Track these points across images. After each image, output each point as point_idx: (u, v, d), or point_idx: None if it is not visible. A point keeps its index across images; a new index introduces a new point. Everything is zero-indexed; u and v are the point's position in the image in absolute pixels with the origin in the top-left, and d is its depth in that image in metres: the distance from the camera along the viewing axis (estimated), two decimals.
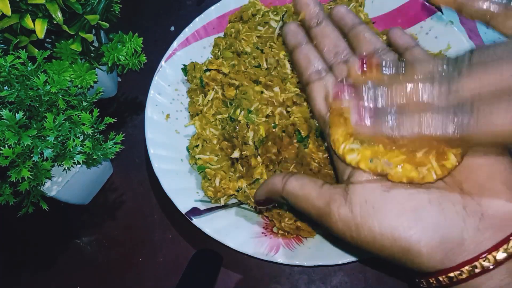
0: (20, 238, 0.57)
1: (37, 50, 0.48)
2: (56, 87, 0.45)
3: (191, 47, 0.63)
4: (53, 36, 0.51)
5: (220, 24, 0.64)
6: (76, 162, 0.45)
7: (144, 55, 0.55)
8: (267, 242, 0.50)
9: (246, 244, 0.49)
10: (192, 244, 0.54)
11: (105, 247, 0.56)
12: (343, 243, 0.49)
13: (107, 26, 0.51)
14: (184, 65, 0.61)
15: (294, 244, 0.50)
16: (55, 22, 0.46)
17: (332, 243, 0.49)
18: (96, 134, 0.48)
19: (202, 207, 0.53)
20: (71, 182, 0.49)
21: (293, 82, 0.55)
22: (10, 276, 0.55)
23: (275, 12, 0.61)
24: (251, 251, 0.49)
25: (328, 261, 0.48)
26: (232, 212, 0.53)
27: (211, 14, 0.64)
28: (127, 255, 0.55)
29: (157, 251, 0.55)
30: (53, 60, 0.50)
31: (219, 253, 0.50)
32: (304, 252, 0.49)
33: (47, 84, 0.45)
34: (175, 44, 0.62)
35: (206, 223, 0.51)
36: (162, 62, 0.61)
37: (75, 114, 0.45)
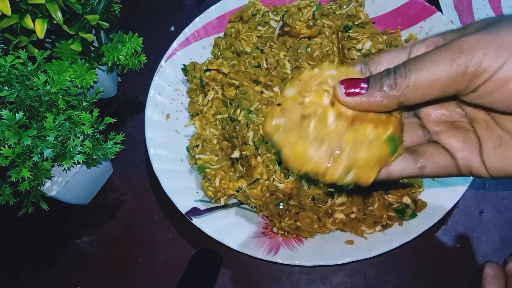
0: (20, 238, 0.57)
1: (37, 50, 0.48)
2: (56, 87, 0.45)
3: (191, 47, 0.63)
4: (53, 36, 0.51)
5: (220, 24, 0.64)
6: (76, 162, 0.45)
7: (144, 55, 0.55)
8: (267, 242, 0.50)
9: (246, 244, 0.49)
10: (192, 244, 0.54)
11: (105, 247, 0.56)
12: (342, 244, 0.49)
13: (107, 26, 0.51)
14: (184, 65, 0.61)
15: (294, 244, 0.50)
16: (55, 22, 0.46)
17: (332, 243, 0.49)
18: (96, 134, 0.48)
19: (202, 207, 0.53)
20: (71, 182, 0.49)
21: None
22: (10, 276, 0.55)
23: (275, 12, 0.61)
24: (251, 251, 0.49)
25: (328, 261, 0.48)
26: (232, 212, 0.53)
27: (211, 14, 0.64)
28: (127, 255, 0.55)
29: (157, 251, 0.55)
30: (53, 60, 0.50)
31: (219, 253, 0.50)
32: (304, 252, 0.49)
33: (47, 84, 0.45)
34: (175, 44, 0.62)
35: (206, 223, 0.51)
36: (162, 62, 0.61)
37: (75, 114, 0.45)
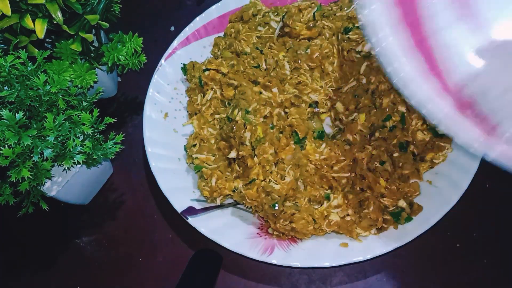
0: (20, 238, 0.58)
1: (37, 50, 0.48)
2: (56, 87, 0.45)
3: (191, 46, 0.63)
4: (53, 36, 0.51)
5: (221, 24, 0.64)
6: (76, 162, 0.45)
7: (144, 55, 0.55)
8: (262, 243, 0.50)
9: (241, 244, 0.49)
10: (192, 244, 0.54)
11: (105, 247, 0.56)
12: (337, 246, 0.49)
13: (107, 26, 0.51)
14: (184, 64, 0.61)
15: (289, 245, 0.50)
16: (55, 22, 0.46)
17: (327, 246, 0.49)
18: (96, 134, 0.48)
19: (198, 206, 0.53)
20: (71, 182, 0.49)
21: (291, 83, 0.55)
22: (10, 276, 0.55)
23: (276, 13, 0.61)
24: (246, 251, 0.49)
25: (322, 263, 0.47)
26: (228, 212, 0.53)
27: (212, 13, 0.64)
28: (127, 255, 0.55)
29: (157, 251, 0.55)
30: (53, 60, 0.50)
31: (219, 253, 0.50)
32: (299, 254, 0.49)
33: (47, 84, 0.45)
34: (175, 43, 0.62)
35: (202, 223, 0.51)
36: (162, 61, 0.61)
37: (75, 114, 0.45)
